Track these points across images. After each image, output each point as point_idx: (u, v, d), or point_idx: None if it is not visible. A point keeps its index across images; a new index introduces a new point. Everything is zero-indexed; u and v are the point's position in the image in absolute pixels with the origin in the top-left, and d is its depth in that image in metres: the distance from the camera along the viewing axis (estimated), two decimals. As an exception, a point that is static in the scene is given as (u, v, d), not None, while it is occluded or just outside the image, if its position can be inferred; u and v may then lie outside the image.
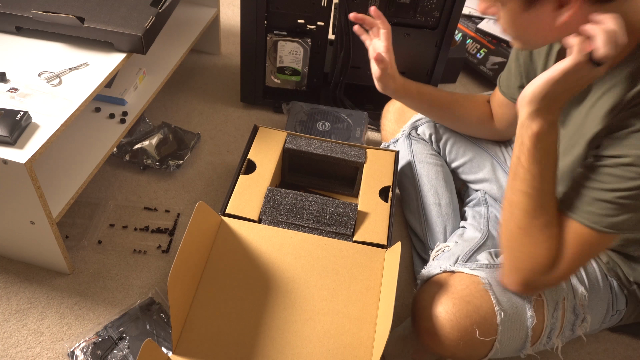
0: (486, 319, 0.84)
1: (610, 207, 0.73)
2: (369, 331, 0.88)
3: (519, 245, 0.80)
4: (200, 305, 0.90)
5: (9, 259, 1.10)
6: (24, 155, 0.87)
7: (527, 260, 0.80)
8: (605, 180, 0.73)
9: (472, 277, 0.88)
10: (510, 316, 0.85)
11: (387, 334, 0.77)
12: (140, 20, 1.09)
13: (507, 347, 0.87)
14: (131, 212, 1.23)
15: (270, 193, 1.03)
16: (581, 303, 0.91)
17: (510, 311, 0.85)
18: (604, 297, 0.95)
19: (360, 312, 0.90)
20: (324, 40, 1.39)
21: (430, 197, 1.16)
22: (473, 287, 0.86)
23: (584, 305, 0.92)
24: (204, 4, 1.62)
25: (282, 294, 0.91)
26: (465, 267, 0.90)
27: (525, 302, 0.87)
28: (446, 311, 0.84)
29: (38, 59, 1.06)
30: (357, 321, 0.89)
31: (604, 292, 0.95)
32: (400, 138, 1.24)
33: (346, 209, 1.02)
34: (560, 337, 0.91)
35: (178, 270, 0.82)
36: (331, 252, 0.96)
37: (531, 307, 0.86)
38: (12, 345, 0.98)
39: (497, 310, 0.84)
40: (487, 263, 0.90)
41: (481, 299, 0.85)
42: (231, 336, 0.87)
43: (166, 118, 1.48)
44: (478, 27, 1.79)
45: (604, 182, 0.73)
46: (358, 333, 0.88)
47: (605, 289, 0.95)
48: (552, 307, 0.88)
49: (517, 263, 0.82)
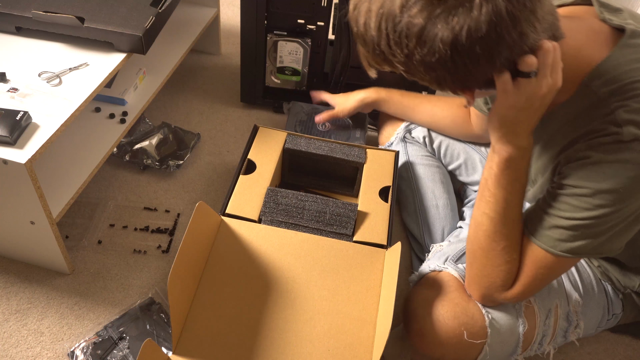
0: (474, 320, 0.84)
1: (567, 234, 0.73)
2: (369, 331, 0.88)
3: (478, 264, 0.82)
4: (200, 305, 0.90)
5: (9, 259, 1.10)
6: (24, 155, 0.87)
7: (484, 278, 0.81)
8: (563, 208, 0.73)
9: (460, 280, 0.88)
10: (499, 320, 0.85)
11: (387, 334, 0.77)
12: (140, 20, 1.09)
13: (498, 352, 0.87)
14: (131, 212, 1.23)
15: (270, 193, 1.03)
16: (575, 309, 0.91)
17: (498, 315, 0.85)
18: (600, 302, 0.95)
19: (360, 312, 0.90)
20: (324, 40, 1.39)
21: (427, 199, 1.16)
22: (462, 289, 0.87)
23: (578, 312, 0.91)
24: (204, 4, 1.62)
25: (282, 294, 0.91)
26: (453, 269, 0.90)
27: (515, 308, 0.87)
28: (435, 313, 0.84)
29: (38, 59, 1.06)
30: (357, 321, 0.89)
31: (599, 296, 0.95)
32: (395, 141, 1.25)
33: (346, 209, 1.02)
34: (552, 344, 0.91)
35: (178, 271, 0.82)
36: (331, 252, 0.96)
37: (522, 314, 0.86)
38: (12, 345, 0.98)
39: (485, 312, 0.84)
40: None
41: (469, 302, 0.85)
42: (231, 336, 0.87)
43: (166, 118, 1.48)
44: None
45: (561, 210, 0.73)
46: (358, 333, 0.88)
47: (600, 293, 0.95)
48: (544, 315, 0.88)
49: (475, 278, 0.83)
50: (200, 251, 0.93)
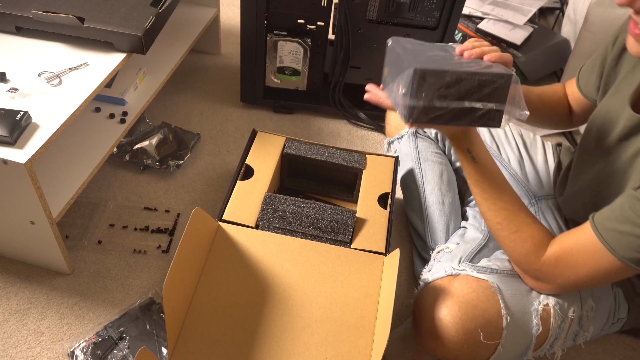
0: (491, 322, 0.84)
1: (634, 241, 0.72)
2: (367, 339, 0.87)
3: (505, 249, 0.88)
4: (196, 312, 0.89)
5: (9, 259, 1.10)
6: (24, 155, 0.87)
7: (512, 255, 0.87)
8: None
9: (481, 281, 0.87)
10: (517, 321, 0.85)
11: (385, 342, 0.77)
12: (140, 20, 1.09)
13: (510, 352, 0.87)
14: (131, 212, 1.23)
15: (267, 199, 1.03)
16: (587, 314, 0.91)
17: (517, 316, 0.85)
18: (607, 307, 0.95)
19: (358, 319, 0.89)
20: (324, 40, 1.39)
21: (434, 196, 1.15)
22: (481, 290, 0.86)
23: (590, 317, 0.91)
24: (204, 4, 1.62)
25: (280, 301, 0.91)
26: (472, 270, 0.90)
27: (532, 310, 0.87)
28: (451, 314, 0.84)
29: (38, 59, 1.06)
30: (355, 329, 0.88)
31: (609, 301, 0.95)
32: (406, 135, 1.24)
33: (344, 215, 1.01)
34: (562, 346, 0.91)
35: (173, 278, 0.82)
36: (329, 259, 0.96)
37: (537, 315, 0.86)
38: (12, 345, 0.98)
39: (505, 314, 0.84)
40: (497, 268, 0.90)
41: (487, 303, 0.85)
42: (227, 344, 0.86)
43: (166, 118, 1.48)
44: (478, 27, 1.79)
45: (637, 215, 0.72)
46: (356, 341, 0.87)
47: (609, 298, 0.95)
48: (560, 319, 0.88)
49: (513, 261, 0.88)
50: (196, 258, 0.92)
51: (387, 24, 1.37)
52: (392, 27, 1.37)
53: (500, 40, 1.73)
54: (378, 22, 1.37)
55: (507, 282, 0.88)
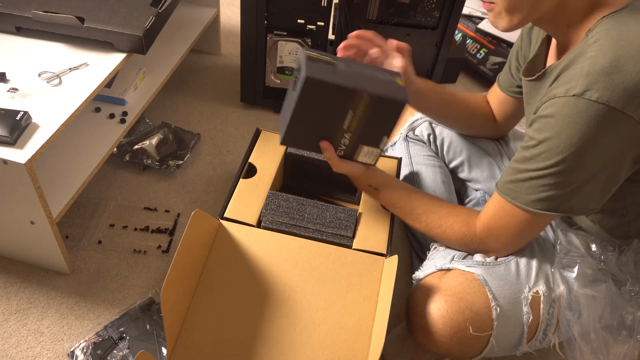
0: (480, 314, 0.84)
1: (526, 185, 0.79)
2: (364, 342, 0.87)
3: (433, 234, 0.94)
4: (196, 313, 0.89)
5: (9, 259, 1.10)
6: (24, 155, 0.87)
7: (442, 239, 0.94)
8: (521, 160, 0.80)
9: (466, 274, 0.88)
10: (507, 312, 0.85)
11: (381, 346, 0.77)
12: (140, 20, 1.09)
13: (503, 344, 0.87)
14: (131, 212, 1.23)
15: (271, 196, 1.03)
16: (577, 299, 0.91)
17: (506, 307, 0.85)
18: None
19: (356, 322, 0.89)
20: (324, 40, 1.39)
21: None
22: (467, 284, 0.87)
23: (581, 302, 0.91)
24: (204, 4, 1.62)
25: (279, 302, 0.91)
26: (460, 264, 0.90)
27: (522, 298, 0.87)
28: (439, 308, 0.84)
29: (38, 59, 1.06)
30: (353, 332, 0.88)
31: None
32: (398, 141, 1.24)
33: (347, 213, 1.02)
34: (557, 334, 0.91)
35: (172, 281, 0.82)
36: (329, 259, 0.96)
37: (527, 304, 0.87)
38: (12, 345, 0.98)
39: (493, 305, 0.84)
40: (483, 261, 0.90)
41: (474, 295, 0.85)
42: (226, 345, 0.86)
43: (166, 118, 1.48)
44: (478, 27, 1.79)
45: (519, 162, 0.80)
46: (353, 345, 0.87)
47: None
48: (549, 304, 0.89)
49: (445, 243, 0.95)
50: (196, 257, 0.92)
51: (387, 24, 1.37)
52: (392, 27, 1.37)
53: (500, 40, 1.73)
54: (378, 22, 1.37)
55: (493, 272, 0.88)
